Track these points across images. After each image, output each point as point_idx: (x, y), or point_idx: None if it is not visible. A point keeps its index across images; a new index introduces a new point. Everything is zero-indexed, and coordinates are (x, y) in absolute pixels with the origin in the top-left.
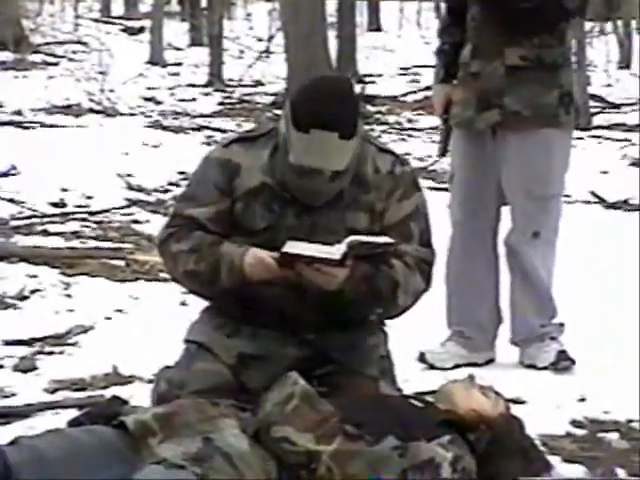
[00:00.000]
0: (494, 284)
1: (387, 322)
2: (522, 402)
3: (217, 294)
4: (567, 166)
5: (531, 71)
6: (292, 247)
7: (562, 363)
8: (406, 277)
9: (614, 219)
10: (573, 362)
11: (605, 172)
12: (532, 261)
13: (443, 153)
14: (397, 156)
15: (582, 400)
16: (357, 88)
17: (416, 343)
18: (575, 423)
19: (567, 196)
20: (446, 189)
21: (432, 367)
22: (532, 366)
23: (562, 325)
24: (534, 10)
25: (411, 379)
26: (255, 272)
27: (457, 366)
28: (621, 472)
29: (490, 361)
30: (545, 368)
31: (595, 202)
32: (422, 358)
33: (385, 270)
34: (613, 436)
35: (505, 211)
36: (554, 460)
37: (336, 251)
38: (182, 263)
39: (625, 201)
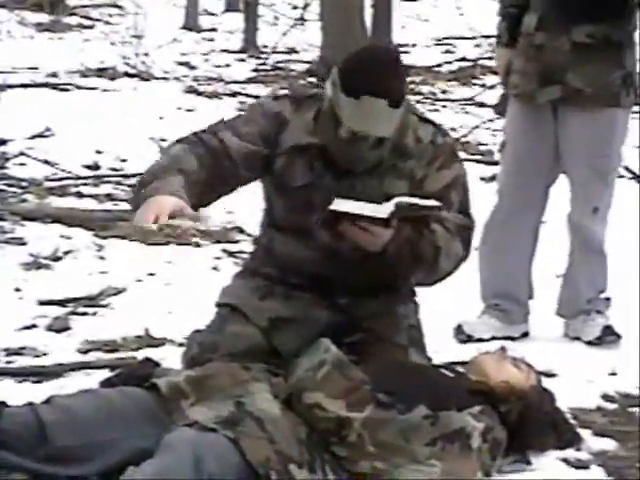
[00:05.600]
0: (530, 258)
1: (419, 294)
2: (553, 375)
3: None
4: (624, 140)
5: (597, 49)
6: (339, 204)
7: (608, 338)
8: (447, 242)
9: None
10: (619, 337)
11: (639, 147)
12: (594, 235)
13: (500, 113)
14: (438, 127)
15: (613, 374)
16: None
17: (448, 315)
18: (606, 397)
19: None
20: (478, 161)
21: (469, 338)
22: (577, 338)
23: (608, 299)
24: None
25: (443, 350)
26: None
27: (494, 338)
28: None
29: (525, 334)
30: (589, 343)
31: (629, 177)
32: (459, 330)
33: (427, 234)
34: None
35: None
36: (584, 433)
37: (385, 209)
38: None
39: None
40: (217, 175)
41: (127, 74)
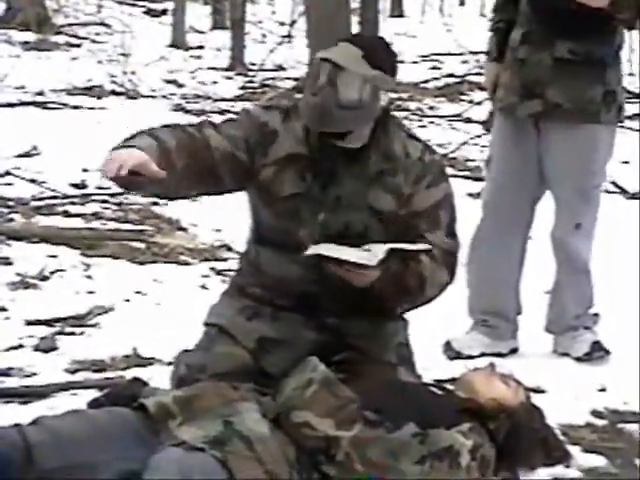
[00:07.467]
0: (518, 273)
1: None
2: (542, 391)
3: None
4: (609, 157)
5: (578, 65)
6: (327, 250)
7: (596, 354)
8: (433, 271)
9: (635, 209)
10: (607, 353)
11: (626, 162)
12: (577, 252)
13: (489, 129)
14: (426, 145)
15: (602, 390)
16: None
17: (437, 332)
18: (595, 413)
19: None
20: (466, 177)
21: (458, 355)
22: (565, 354)
23: (597, 315)
24: (582, 15)
25: (432, 367)
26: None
27: (483, 354)
28: None
29: (514, 350)
30: (578, 359)
31: (616, 192)
32: (448, 346)
33: (413, 266)
34: (633, 427)
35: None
36: (574, 450)
37: (373, 257)
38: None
39: None
40: (193, 164)
41: (114, 92)
